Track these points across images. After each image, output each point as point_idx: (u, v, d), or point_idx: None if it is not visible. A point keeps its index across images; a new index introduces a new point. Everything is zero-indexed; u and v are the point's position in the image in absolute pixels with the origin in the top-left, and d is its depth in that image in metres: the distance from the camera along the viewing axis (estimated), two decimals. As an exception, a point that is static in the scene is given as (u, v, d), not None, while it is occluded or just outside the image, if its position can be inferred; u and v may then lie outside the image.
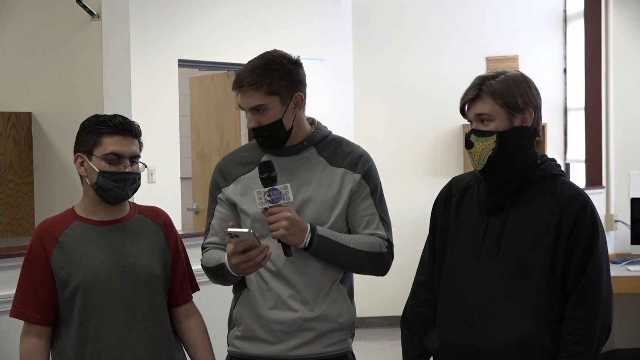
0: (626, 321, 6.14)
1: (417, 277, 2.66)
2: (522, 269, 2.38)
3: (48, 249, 2.50)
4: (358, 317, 2.71)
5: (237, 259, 2.41)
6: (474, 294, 2.43)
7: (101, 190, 2.50)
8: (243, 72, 2.56)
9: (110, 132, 2.50)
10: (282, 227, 2.44)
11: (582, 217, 2.38)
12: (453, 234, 2.52)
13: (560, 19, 7.63)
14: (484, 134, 2.42)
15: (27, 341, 2.51)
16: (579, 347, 2.34)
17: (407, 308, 2.65)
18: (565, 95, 7.65)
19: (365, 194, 2.63)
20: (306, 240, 2.49)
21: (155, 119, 5.97)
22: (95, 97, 4.21)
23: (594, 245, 2.37)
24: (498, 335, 2.38)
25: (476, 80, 2.48)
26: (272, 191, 2.45)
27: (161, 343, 2.58)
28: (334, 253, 2.54)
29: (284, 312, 2.57)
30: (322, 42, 7.24)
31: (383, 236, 2.62)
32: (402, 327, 2.66)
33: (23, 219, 4.51)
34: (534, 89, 2.47)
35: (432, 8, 7.55)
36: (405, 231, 7.52)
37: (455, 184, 2.61)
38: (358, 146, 2.71)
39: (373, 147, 7.28)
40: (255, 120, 2.56)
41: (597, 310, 2.35)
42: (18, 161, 4.48)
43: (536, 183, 2.44)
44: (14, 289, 2.56)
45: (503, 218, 2.43)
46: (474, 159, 2.45)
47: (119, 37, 4.30)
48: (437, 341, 2.52)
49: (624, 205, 6.31)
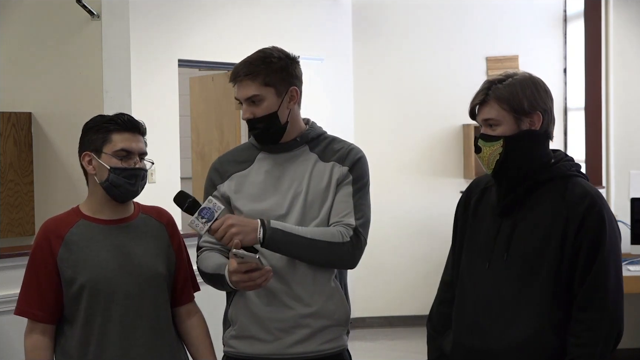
0: (626, 321, 6.10)
1: (443, 277, 2.66)
2: (529, 271, 2.38)
3: (54, 248, 2.51)
4: (358, 317, 2.72)
5: (238, 277, 2.44)
6: (484, 296, 2.43)
7: (112, 187, 2.51)
8: (239, 64, 2.59)
9: (119, 129, 2.52)
10: (233, 234, 2.43)
11: (589, 218, 2.36)
12: (469, 236, 2.54)
13: (560, 19, 7.63)
14: (491, 139, 2.42)
15: (32, 338, 2.52)
16: (583, 350, 2.32)
17: (433, 307, 2.67)
18: (565, 95, 7.65)
19: (347, 182, 2.61)
20: (259, 235, 2.47)
21: (155, 119, 5.96)
22: (95, 97, 4.21)
23: (601, 246, 2.35)
24: (505, 336, 2.38)
25: (484, 84, 2.46)
26: (201, 212, 2.45)
27: (165, 342, 2.59)
28: (290, 245, 2.50)
29: (279, 309, 2.58)
30: (322, 42, 7.24)
31: (350, 224, 2.57)
32: (427, 327, 2.67)
33: (23, 219, 4.51)
34: (543, 91, 2.45)
35: (432, 8, 7.54)
36: (405, 231, 7.53)
37: (475, 185, 2.61)
38: (351, 143, 2.71)
39: (373, 147, 7.31)
40: (250, 111, 2.58)
41: (603, 312, 2.34)
42: (18, 161, 4.48)
43: (546, 185, 2.43)
44: (15, 289, 2.57)
45: (513, 221, 2.43)
46: (484, 164, 2.46)
47: (119, 37, 4.30)
48: (451, 342, 2.54)
49: (624, 205, 6.30)
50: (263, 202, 2.61)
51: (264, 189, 2.62)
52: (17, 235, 4.49)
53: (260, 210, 2.58)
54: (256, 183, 2.63)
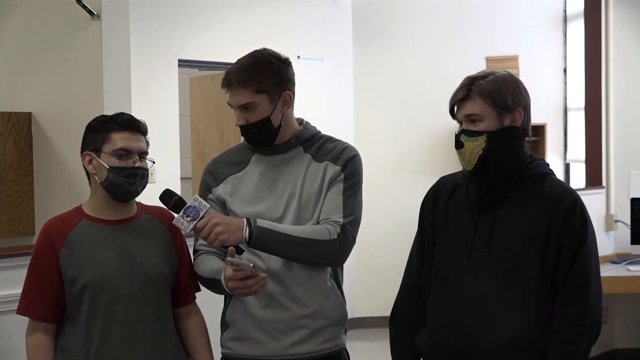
0: (626, 321, 6.13)
1: (406, 279, 2.64)
2: (513, 268, 2.38)
3: (56, 247, 2.50)
4: (358, 317, 2.72)
5: (234, 284, 2.44)
6: (466, 294, 2.42)
7: (112, 186, 2.51)
8: (232, 70, 2.59)
9: (119, 128, 2.51)
10: (217, 233, 2.43)
11: (572, 215, 2.38)
12: (442, 234, 2.52)
13: (560, 19, 7.63)
14: (474, 134, 2.42)
15: (34, 337, 2.52)
16: (569, 345, 2.34)
17: (397, 309, 2.65)
18: (565, 95, 7.66)
19: (338, 180, 2.61)
20: (245, 234, 2.46)
21: (155, 119, 5.95)
22: (95, 97, 4.21)
23: (583, 243, 2.38)
24: (491, 334, 2.38)
25: (465, 80, 2.48)
26: (187, 210, 2.45)
27: (167, 342, 2.59)
28: (277, 244, 2.49)
29: (276, 310, 2.58)
30: (322, 42, 7.24)
31: (337, 222, 2.56)
32: (391, 329, 2.66)
33: (23, 219, 4.51)
34: (523, 89, 2.47)
35: (432, 8, 7.55)
36: (405, 231, 7.51)
37: (444, 183, 2.60)
38: (345, 142, 2.70)
39: (372, 147, 7.31)
40: (243, 118, 2.58)
41: (586, 308, 2.36)
42: (18, 161, 4.48)
43: (526, 182, 2.44)
44: (15, 289, 2.57)
45: (493, 217, 2.43)
46: (464, 159, 2.45)
47: (119, 37, 4.30)
48: (427, 341, 2.51)
49: (624, 205, 6.30)
50: (258, 205, 2.60)
51: (259, 192, 2.62)
52: (17, 235, 4.48)
53: (255, 213, 2.58)
54: (251, 186, 2.63)
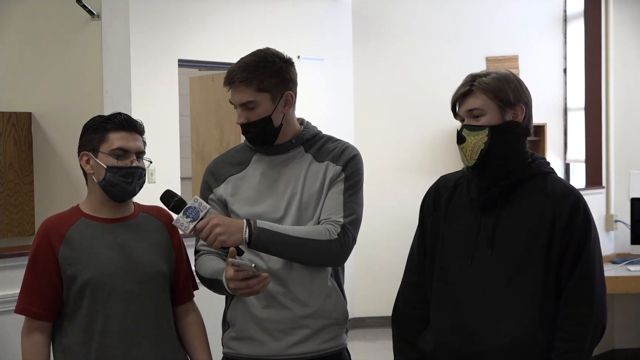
0: (626, 321, 6.13)
1: (407, 278, 2.61)
2: (516, 268, 2.37)
3: (55, 246, 2.50)
4: (358, 317, 2.71)
5: (235, 285, 2.43)
6: (468, 294, 2.41)
7: (109, 186, 2.51)
8: (235, 68, 2.58)
9: (116, 128, 2.52)
10: (217, 234, 2.42)
11: (575, 214, 2.38)
12: (444, 234, 2.51)
13: (560, 19, 7.63)
14: (475, 129, 2.42)
15: (32, 336, 2.52)
16: (573, 345, 2.33)
17: (399, 310, 2.62)
18: (565, 95, 7.66)
19: (339, 180, 2.60)
20: (245, 235, 2.46)
21: (155, 119, 5.97)
22: (95, 97, 4.21)
23: (587, 242, 2.37)
24: (493, 335, 2.37)
25: (467, 78, 2.48)
26: (187, 211, 2.45)
27: (166, 340, 2.59)
28: (277, 245, 2.49)
29: (278, 310, 2.58)
30: (322, 42, 7.24)
31: (338, 222, 2.56)
32: (394, 329, 2.64)
33: (23, 219, 4.51)
34: (525, 87, 2.48)
35: (432, 8, 7.55)
36: (405, 231, 7.51)
37: (444, 182, 2.59)
38: (346, 142, 2.70)
39: (373, 147, 7.31)
40: (244, 116, 2.58)
41: (591, 307, 2.35)
42: (18, 161, 4.48)
43: (528, 181, 2.44)
44: (15, 289, 2.57)
45: (495, 217, 2.42)
46: (466, 154, 2.45)
47: (119, 37, 4.31)
48: (431, 342, 2.49)
49: (624, 205, 6.31)
50: (259, 205, 2.60)
51: (260, 192, 2.62)
52: (17, 235, 4.49)
53: (256, 213, 2.58)
54: (252, 186, 2.63)
